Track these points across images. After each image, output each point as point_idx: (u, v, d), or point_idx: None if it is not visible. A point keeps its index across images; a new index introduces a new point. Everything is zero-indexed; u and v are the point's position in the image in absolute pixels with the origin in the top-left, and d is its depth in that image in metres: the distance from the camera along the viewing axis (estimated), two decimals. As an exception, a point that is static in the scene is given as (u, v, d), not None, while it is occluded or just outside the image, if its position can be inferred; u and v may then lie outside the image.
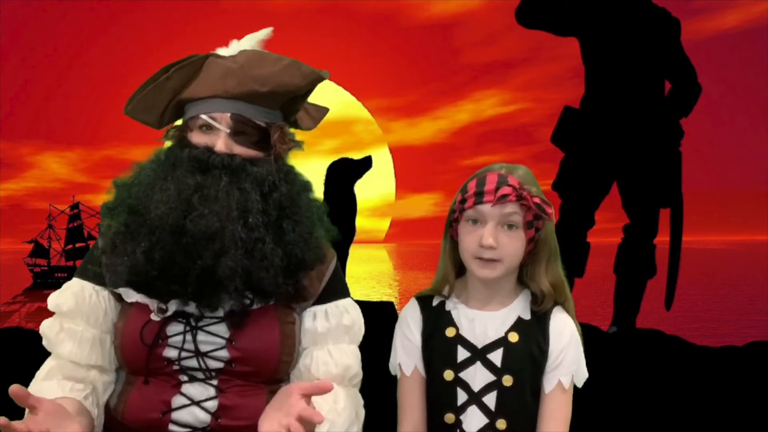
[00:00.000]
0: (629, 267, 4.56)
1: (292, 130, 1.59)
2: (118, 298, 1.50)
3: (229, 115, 1.46)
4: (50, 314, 1.52)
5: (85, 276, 1.51)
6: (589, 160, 4.39)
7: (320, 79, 1.49)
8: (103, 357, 1.48)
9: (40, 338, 1.52)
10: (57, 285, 1.55)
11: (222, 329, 1.44)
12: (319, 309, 1.54)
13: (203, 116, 1.46)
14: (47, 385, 1.44)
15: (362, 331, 1.59)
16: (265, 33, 1.58)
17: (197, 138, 1.48)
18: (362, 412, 1.55)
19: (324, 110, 1.67)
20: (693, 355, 3.89)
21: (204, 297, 1.40)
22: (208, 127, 1.47)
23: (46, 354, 1.53)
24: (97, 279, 1.49)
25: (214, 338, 1.43)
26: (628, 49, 4.34)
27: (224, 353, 1.43)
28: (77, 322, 1.47)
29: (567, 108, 4.56)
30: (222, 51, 1.53)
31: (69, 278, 1.56)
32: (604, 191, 4.50)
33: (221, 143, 1.45)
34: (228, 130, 1.46)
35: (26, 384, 1.49)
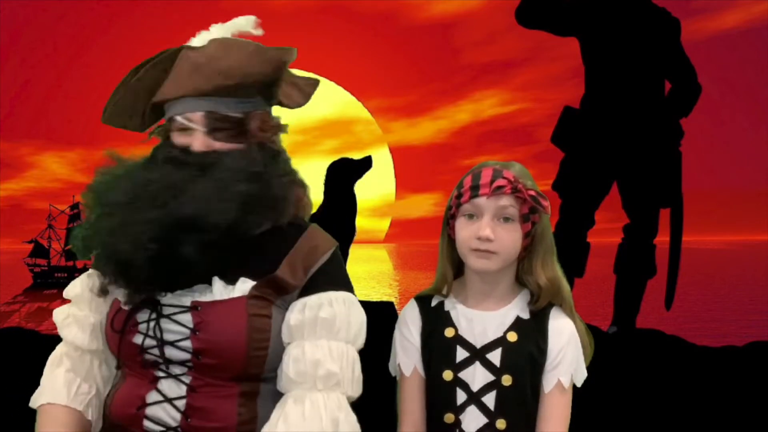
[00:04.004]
0: (629, 267, 4.57)
1: (282, 110, 1.55)
2: None
3: (202, 113, 1.43)
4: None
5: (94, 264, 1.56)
6: (589, 160, 4.39)
7: (285, 63, 1.46)
8: (105, 342, 1.51)
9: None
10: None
11: (187, 319, 1.40)
12: (300, 302, 1.44)
13: (178, 118, 1.44)
14: (58, 373, 1.51)
15: (353, 327, 1.44)
16: (243, 22, 1.53)
17: (177, 138, 1.46)
18: (344, 418, 1.38)
19: (314, 83, 1.59)
20: (693, 355, 3.89)
21: (181, 282, 1.40)
22: (185, 128, 1.45)
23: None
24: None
25: (178, 327, 1.40)
26: (628, 49, 4.34)
27: (188, 344, 1.39)
28: (82, 307, 1.53)
29: (567, 108, 4.56)
30: (196, 41, 1.50)
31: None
32: (604, 191, 4.50)
33: (198, 143, 1.43)
34: (204, 129, 1.43)
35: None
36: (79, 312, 1.53)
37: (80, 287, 1.54)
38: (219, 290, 1.41)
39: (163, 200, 1.37)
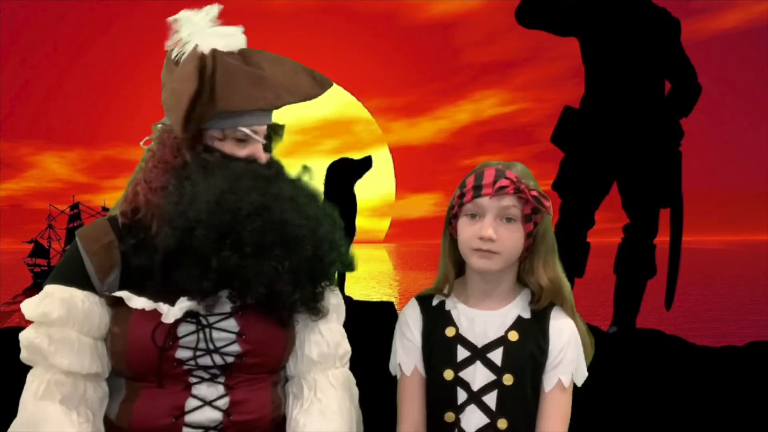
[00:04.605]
0: (629, 267, 4.56)
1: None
2: (111, 303, 1.45)
3: (265, 127, 1.51)
4: None
5: (68, 282, 1.44)
6: (589, 160, 4.39)
7: (329, 87, 1.55)
8: (102, 365, 1.46)
9: None
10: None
11: (231, 324, 1.45)
12: None
13: (245, 129, 1.47)
14: (49, 410, 1.38)
15: (344, 312, 1.62)
16: (215, 10, 1.52)
17: (232, 148, 1.48)
18: (355, 391, 1.57)
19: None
20: (693, 355, 3.89)
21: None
22: (244, 139, 1.48)
23: None
24: (85, 285, 1.44)
25: (225, 334, 1.44)
26: (628, 49, 4.34)
27: (235, 347, 1.44)
28: (67, 330, 1.41)
29: (567, 108, 4.56)
30: (205, 42, 1.46)
31: None
32: (604, 191, 4.50)
33: (262, 155, 1.50)
34: (264, 141, 1.51)
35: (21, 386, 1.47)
36: (68, 336, 1.40)
37: (65, 309, 1.40)
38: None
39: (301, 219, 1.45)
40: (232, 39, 1.50)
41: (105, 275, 1.44)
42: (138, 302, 1.42)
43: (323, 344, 1.52)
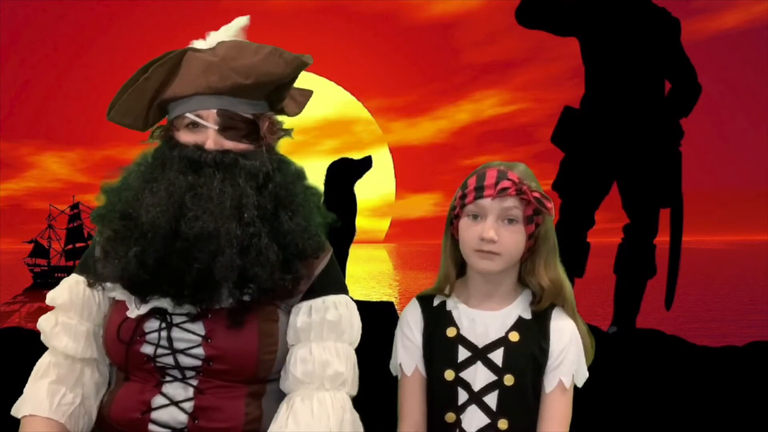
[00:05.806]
0: (629, 267, 4.56)
1: (279, 117, 1.57)
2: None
3: (215, 111, 1.44)
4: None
5: (81, 270, 1.53)
6: (589, 160, 4.39)
7: (304, 65, 1.46)
8: (99, 350, 1.50)
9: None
10: (57, 285, 1.55)
11: (198, 327, 1.42)
12: (305, 305, 1.48)
13: (189, 115, 1.44)
14: (40, 389, 1.46)
15: (355, 330, 1.51)
16: (242, 21, 1.54)
17: (185, 137, 1.46)
18: (349, 417, 1.45)
19: (308, 93, 1.63)
20: (693, 355, 3.89)
21: (200, 297, 1.39)
22: (195, 125, 1.45)
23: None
24: (92, 273, 1.50)
25: (190, 335, 1.41)
26: (628, 49, 4.34)
27: (200, 351, 1.40)
28: (71, 315, 1.49)
29: (567, 108, 4.55)
30: (199, 44, 1.50)
31: None
32: (604, 191, 4.50)
33: (211, 141, 1.43)
34: (216, 127, 1.44)
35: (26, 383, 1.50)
36: (69, 320, 1.49)
37: (69, 294, 1.50)
38: (228, 297, 1.41)
39: (207, 215, 1.38)
40: (213, 37, 1.51)
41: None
42: (114, 293, 1.46)
43: (309, 362, 1.43)
